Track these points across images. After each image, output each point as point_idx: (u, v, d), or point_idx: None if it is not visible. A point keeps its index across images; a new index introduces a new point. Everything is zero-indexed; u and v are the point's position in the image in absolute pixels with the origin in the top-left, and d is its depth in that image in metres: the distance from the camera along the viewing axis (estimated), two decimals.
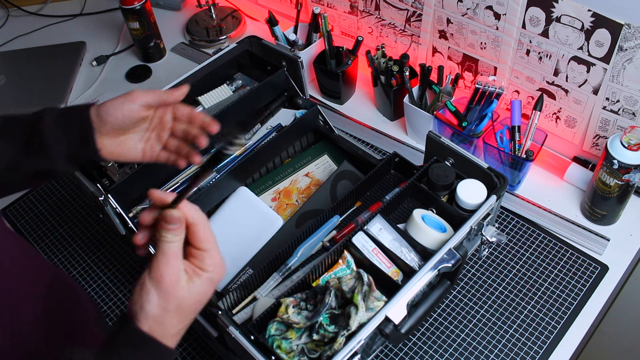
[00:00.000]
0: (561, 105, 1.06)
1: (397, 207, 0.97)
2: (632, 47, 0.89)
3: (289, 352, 0.75)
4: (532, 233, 1.03)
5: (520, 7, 0.99)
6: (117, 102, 0.74)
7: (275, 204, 1.03)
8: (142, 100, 0.75)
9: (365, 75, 1.29)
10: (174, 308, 0.57)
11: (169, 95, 0.77)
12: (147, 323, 0.56)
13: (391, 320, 0.73)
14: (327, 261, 0.84)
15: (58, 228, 1.12)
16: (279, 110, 1.10)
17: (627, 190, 0.96)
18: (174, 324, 0.57)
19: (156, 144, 0.80)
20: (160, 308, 0.56)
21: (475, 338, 0.91)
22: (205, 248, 0.59)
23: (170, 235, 0.57)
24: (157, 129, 0.79)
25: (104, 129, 0.74)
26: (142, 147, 0.79)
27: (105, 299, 1.01)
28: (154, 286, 0.56)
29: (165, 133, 0.79)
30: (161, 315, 0.56)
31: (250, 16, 1.54)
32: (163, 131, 0.79)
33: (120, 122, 0.74)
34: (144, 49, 1.44)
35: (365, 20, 1.28)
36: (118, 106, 0.74)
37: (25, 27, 1.60)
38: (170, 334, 0.57)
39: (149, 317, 0.56)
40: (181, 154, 0.80)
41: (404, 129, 1.23)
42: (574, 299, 0.94)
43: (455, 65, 1.17)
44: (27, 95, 1.41)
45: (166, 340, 0.57)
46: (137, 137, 0.78)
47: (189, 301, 0.58)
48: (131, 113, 0.74)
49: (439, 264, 0.78)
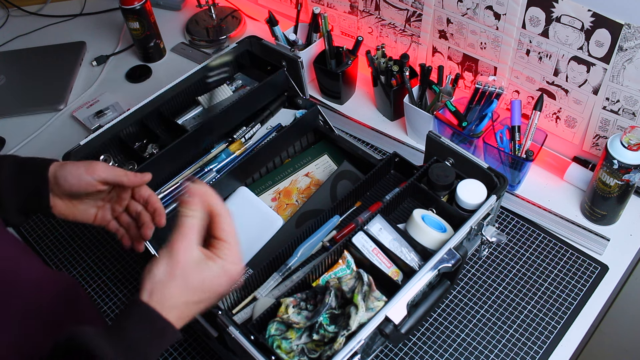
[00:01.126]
0: (561, 105, 1.06)
1: (397, 207, 0.97)
2: (632, 47, 0.89)
3: (289, 352, 0.75)
4: (532, 233, 1.03)
5: (520, 7, 0.99)
6: (76, 171, 0.74)
7: (275, 204, 1.03)
8: (101, 177, 0.74)
9: (365, 75, 1.29)
10: (179, 274, 0.58)
11: (130, 180, 0.77)
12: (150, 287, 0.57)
13: (391, 320, 0.73)
14: (327, 261, 0.84)
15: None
16: (279, 110, 1.10)
17: (627, 190, 0.96)
18: (175, 294, 0.58)
19: (108, 213, 0.80)
20: (166, 273, 0.58)
21: (475, 338, 0.91)
22: (225, 239, 0.61)
23: (187, 210, 0.59)
24: (112, 201, 0.80)
25: (58, 191, 0.74)
26: (94, 212, 0.79)
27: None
28: (165, 254, 0.59)
29: (120, 208, 0.80)
30: (165, 281, 0.58)
31: (250, 16, 1.54)
32: (118, 205, 0.80)
33: (75, 191, 0.75)
34: (144, 49, 1.44)
35: (365, 20, 1.28)
36: (76, 176, 0.73)
37: (25, 27, 1.60)
38: (170, 305, 0.58)
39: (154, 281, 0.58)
40: (130, 233, 0.81)
41: (404, 129, 1.23)
42: (574, 299, 0.94)
43: (455, 65, 1.17)
44: (27, 95, 1.41)
45: (166, 311, 0.57)
46: (90, 203, 0.79)
47: (197, 278, 0.59)
48: (88, 186, 0.74)
49: (439, 264, 0.78)
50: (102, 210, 0.80)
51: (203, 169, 1.01)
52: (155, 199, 0.79)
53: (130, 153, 1.02)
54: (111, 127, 0.99)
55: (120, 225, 0.81)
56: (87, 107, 1.34)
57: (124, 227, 0.81)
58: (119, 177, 0.76)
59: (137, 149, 1.04)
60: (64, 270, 1.05)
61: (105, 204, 0.79)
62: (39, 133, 1.32)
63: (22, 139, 1.31)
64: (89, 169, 0.74)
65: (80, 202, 0.77)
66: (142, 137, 1.05)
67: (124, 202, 0.80)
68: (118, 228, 0.81)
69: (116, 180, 0.76)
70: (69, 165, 0.74)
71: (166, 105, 1.05)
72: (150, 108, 1.04)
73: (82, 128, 1.32)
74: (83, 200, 0.77)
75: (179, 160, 1.00)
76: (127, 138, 1.02)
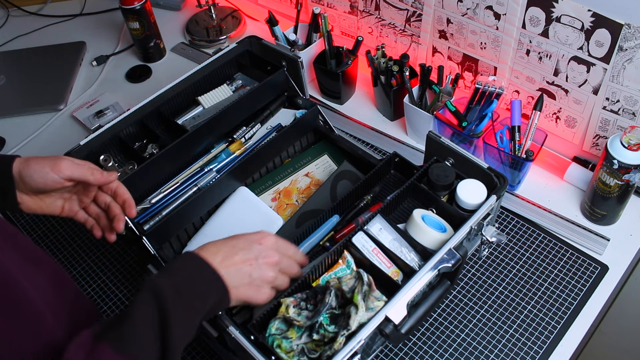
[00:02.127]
0: (561, 105, 1.06)
1: (397, 207, 0.97)
2: (632, 47, 0.89)
3: (289, 352, 0.75)
4: (532, 233, 1.03)
5: (520, 7, 0.99)
6: (41, 170, 0.73)
7: (275, 204, 1.03)
8: (67, 175, 0.75)
9: (365, 75, 1.29)
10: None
11: (96, 179, 0.77)
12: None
13: (391, 320, 0.73)
14: (327, 261, 0.84)
15: (58, 228, 1.12)
16: (279, 110, 1.10)
17: (627, 190, 0.96)
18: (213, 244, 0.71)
19: (76, 205, 0.80)
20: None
21: (475, 338, 0.91)
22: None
23: None
24: (79, 193, 0.80)
25: (24, 188, 0.74)
26: (62, 204, 0.80)
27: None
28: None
29: (88, 199, 0.80)
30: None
31: (250, 16, 1.54)
32: (86, 197, 0.80)
33: (41, 187, 0.75)
34: (144, 49, 1.44)
35: (365, 20, 1.28)
36: (42, 175, 0.73)
37: (25, 27, 1.60)
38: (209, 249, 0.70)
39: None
40: (100, 223, 0.82)
41: (404, 129, 1.23)
42: (574, 299, 0.94)
43: (455, 65, 1.17)
44: (27, 95, 1.41)
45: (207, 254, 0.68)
46: (57, 196, 0.79)
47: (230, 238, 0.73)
48: (54, 183, 0.75)
49: (439, 264, 0.78)
50: (69, 202, 0.80)
51: (203, 169, 1.01)
52: (124, 190, 0.80)
53: (130, 153, 1.02)
54: (111, 127, 0.99)
55: (89, 216, 0.81)
56: (87, 107, 1.34)
57: (93, 217, 0.81)
58: (84, 175, 0.76)
59: (137, 149, 1.04)
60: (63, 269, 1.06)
61: (72, 195, 0.80)
62: (39, 133, 1.32)
63: (22, 139, 1.31)
64: (55, 167, 0.74)
65: (46, 196, 0.78)
66: (142, 137, 1.05)
67: (92, 194, 0.80)
68: (87, 219, 0.81)
69: (82, 179, 0.76)
70: (33, 164, 0.74)
71: (166, 105, 1.05)
72: (150, 108, 1.04)
73: (82, 128, 1.32)
74: (49, 194, 0.78)
75: (179, 160, 1.00)
76: (127, 138, 1.02)
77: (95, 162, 0.99)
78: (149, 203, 0.96)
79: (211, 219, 0.99)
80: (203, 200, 0.97)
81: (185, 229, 0.98)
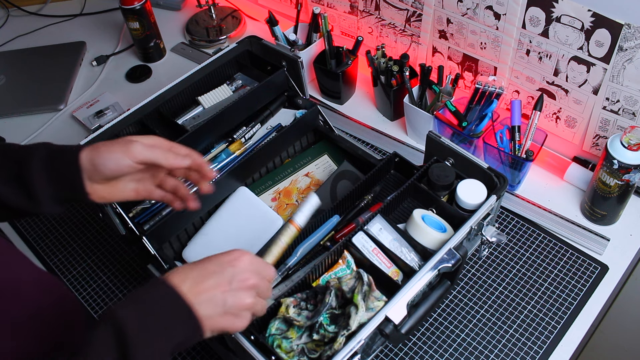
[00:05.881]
0: (561, 105, 1.06)
1: (397, 207, 0.97)
2: (632, 47, 0.89)
3: (289, 352, 0.75)
4: (532, 233, 1.03)
5: (520, 7, 0.99)
6: (114, 155, 0.70)
7: (275, 204, 1.03)
8: (139, 159, 0.71)
9: (365, 75, 1.29)
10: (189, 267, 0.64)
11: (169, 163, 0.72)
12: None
13: (391, 320, 0.73)
14: (327, 261, 0.84)
15: (58, 228, 1.12)
16: (279, 110, 1.10)
17: (627, 190, 0.96)
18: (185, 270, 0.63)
19: (150, 183, 0.76)
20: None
21: (475, 338, 0.91)
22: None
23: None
24: (152, 169, 0.76)
25: (95, 176, 0.71)
26: (135, 187, 0.76)
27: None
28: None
29: (162, 173, 0.76)
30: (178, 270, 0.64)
31: (250, 16, 1.54)
32: (160, 172, 0.76)
33: (116, 173, 0.71)
34: (144, 49, 1.44)
35: (365, 20, 1.28)
36: (114, 159, 0.70)
37: (25, 27, 1.60)
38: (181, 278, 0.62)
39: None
40: (178, 194, 0.78)
41: (404, 129, 1.23)
42: (574, 299, 0.94)
43: (455, 65, 1.17)
44: (27, 95, 1.41)
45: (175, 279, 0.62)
46: (129, 179, 0.75)
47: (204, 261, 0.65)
48: (128, 168, 0.71)
49: (439, 264, 0.78)
50: (143, 183, 0.76)
51: None
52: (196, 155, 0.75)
53: None
54: (111, 127, 0.99)
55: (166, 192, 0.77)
56: (87, 107, 1.34)
57: (170, 191, 0.77)
58: (157, 159, 0.72)
59: None
60: (63, 269, 1.06)
61: (144, 175, 0.75)
62: (39, 133, 1.32)
63: (22, 139, 1.31)
64: (128, 152, 0.70)
65: (118, 182, 0.73)
66: None
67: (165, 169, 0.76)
68: (164, 195, 0.77)
69: (156, 161, 0.72)
70: (104, 151, 0.70)
71: (166, 105, 1.05)
72: (150, 108, 1.04)
73: (82, 128, 1.32)
74: (121, 179, 0.74)
75: None
76: None
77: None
78: (149, 203, 0.96)
79: (211, 219, 0.99)
80: (203, 200, 0.97)
81: (185, 229, 0.98)
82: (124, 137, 0.73)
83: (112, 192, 0.74)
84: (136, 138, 0.73)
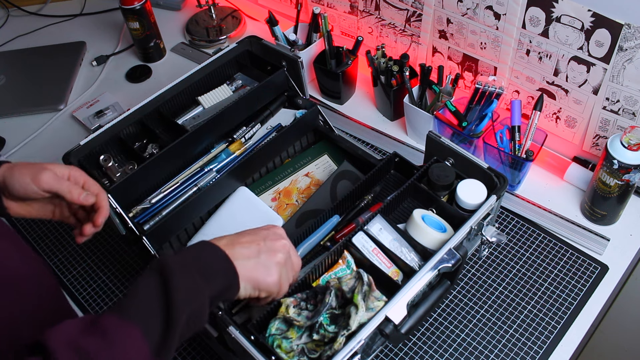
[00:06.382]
0: (561, 105, 1.06)
1: (397, 207, 0.97)
2: (632, 47, 0.89)
3: (289, 352, 0.75)
4: (532, 233, 1.03)
5: (520, 7, 0.99)
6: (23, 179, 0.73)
7: (275, 204, 1.03)
8: (46, 188, 0.74)
9: (365, 75, 1.29)
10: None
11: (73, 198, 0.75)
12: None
13: (391, 320, 0.73)
14: (327, 261, 0.84)
15: (58, 228, 1.12)
16: (279, 110, 1.10)
17: (627, 190, 0.96)
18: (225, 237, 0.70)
19: (66, 210, 0.80)
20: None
21: (475, 338, 0.91)
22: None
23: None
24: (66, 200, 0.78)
25: (9, 194, 0.74)
26: (52, 209, 0.79)
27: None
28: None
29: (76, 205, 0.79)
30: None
31: (250, 16, 1.54)
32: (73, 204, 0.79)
33: (22, 196, 0.74)
34: (144, 49, 1.44)
35: (365, 20, 1.28)
36: (22, 185, 0.73)
37: (25, 27, 1.60)
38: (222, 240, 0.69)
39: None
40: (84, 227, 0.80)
41: (404, 129, 1.23)
42: (574, 299, 0.94)
43: (455, 65, 1.17)
44: (27, 95, 1.41)
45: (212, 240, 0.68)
46: (46, 201, 0.78)
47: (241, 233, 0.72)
48: (34, 194, 0.74)
49: (439, 264, 0.78)
50: (60, 207, 0.80)
51: (203, 169, 1.01)
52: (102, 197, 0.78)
53: (130, 153, 1.02)
54: (111, 127, 0.99)
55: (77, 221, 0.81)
56: (87, 107, 1.34)
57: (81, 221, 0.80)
58: (62, 192, 0.75)
59: (137, 149, 1.04)
60: (63, 269, 1.06)
61: (61, 201, 0.79)
62: (39, 133, 1.32)
63: (22, 139, 1.31)
64: (35, 179, 0.73)
65: (34, 202, 0.77)
66: (142, 137, 1.05)
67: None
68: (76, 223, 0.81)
69: (61, 194, 0.75)
70: (16, 173, 0.73)
71: (166, 105, 1.05)
72: (150, 108, 1.04)
73: (82, 128, 1.32)
74: (37, 201, 0.77)
75: (178, 161, 1.00)
76: (127, 138, 1.02)
77: (95, 162, 0.99)
78: (149, 203, 0.96)
79: (211, 219, 0.99)
80: (203, 200, 0.97)
81: (185, 229, 0.98)
82: (43, 164, 0.76)
83: (29, 211, 0.78)
84: (51, 166, 0.76)
